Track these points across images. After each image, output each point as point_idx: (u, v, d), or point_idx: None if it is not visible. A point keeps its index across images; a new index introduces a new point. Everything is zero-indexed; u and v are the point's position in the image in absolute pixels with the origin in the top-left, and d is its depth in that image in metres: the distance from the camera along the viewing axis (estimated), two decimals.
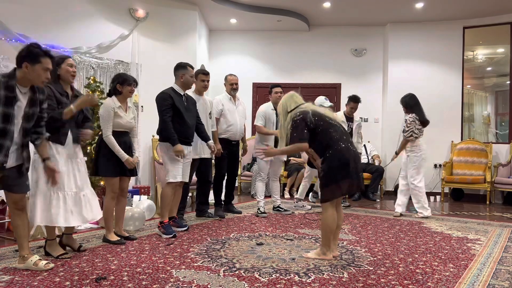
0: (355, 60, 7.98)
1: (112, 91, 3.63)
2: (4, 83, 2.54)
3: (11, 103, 2.56)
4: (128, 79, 3.62)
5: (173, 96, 3.96)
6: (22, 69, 2.61)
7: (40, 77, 2.64)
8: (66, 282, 2.55)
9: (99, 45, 5.73)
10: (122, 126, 3.57)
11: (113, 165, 3.52)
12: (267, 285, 2.56)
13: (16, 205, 2.78)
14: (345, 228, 4.35)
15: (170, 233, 3.82)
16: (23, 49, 2.64)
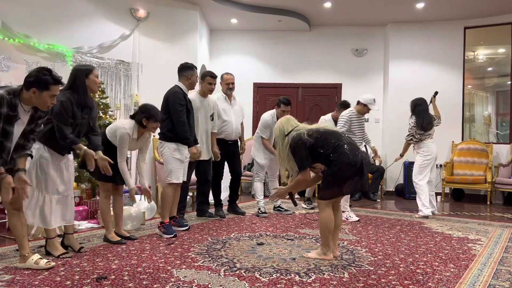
0: (356, 60, 7.98)
1: (136, 118, 3.55)
2: (8, 100, 2.49)
3: (12, 121, 2.53)
4: (155, 116, 3.53)
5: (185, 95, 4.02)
6: (29, 93, 2.56)
7: (46, 103, 2.61)
8: (67, 282, 2.56)
9: (100, 45, 5.74)
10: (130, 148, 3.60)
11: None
12: (267, 285, 2.56)
13: (12, 205, 2.78)
14: (345, 228, 4.35)
15: (171, 233, 3.82)
16: (32, 74, 2.58)
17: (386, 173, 7.31)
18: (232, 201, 5.15)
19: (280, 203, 5.34)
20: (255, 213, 5.12)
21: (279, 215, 5.10)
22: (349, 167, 3.01)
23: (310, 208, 5.63)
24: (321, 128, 3.22)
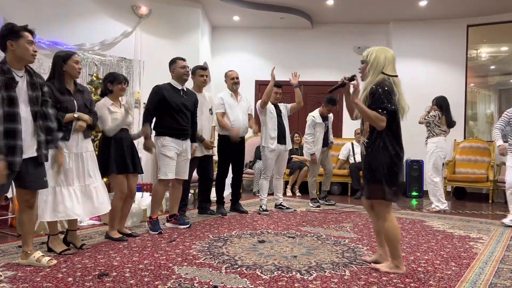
0: (358, 58, 7.88)
1: (104, 91, 3.64)
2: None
3: (12, 86, 2.57)
4: (118, 77, 3.63)
5: (167, 90, 3.95)
6: (8, 49, 2.63)
7: (28, 50, 2.65)
8: (68, 278, 2.57)
9: (102, 42, 5.74)
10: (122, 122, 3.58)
11: (118, 162, 3.53)
12: (268, 282, 2.56)
13: (27, 202, 2.79)
14: (347, 226, 4.35)
15: (156, 230, 3.85)
16: (2, 30, 2.66)
17: None
18: (235, 199, 5.15)
19: (281, 201, 5.34)
20: (256, 211, 5.13)
21: (281, 213, 5.10)
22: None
23: (316, 206, 5.64)
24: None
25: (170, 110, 3.90)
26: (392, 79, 2.77)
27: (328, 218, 4.82)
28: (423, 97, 7.38)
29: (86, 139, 3.24)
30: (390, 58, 2.80)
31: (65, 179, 3.07)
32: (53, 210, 3.02)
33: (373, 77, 2.77)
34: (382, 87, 2.69)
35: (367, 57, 2.82)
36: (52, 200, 3.02)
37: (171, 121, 3.91)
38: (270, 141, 5.03)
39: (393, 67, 2.81)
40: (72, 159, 3.11)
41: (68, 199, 3.06)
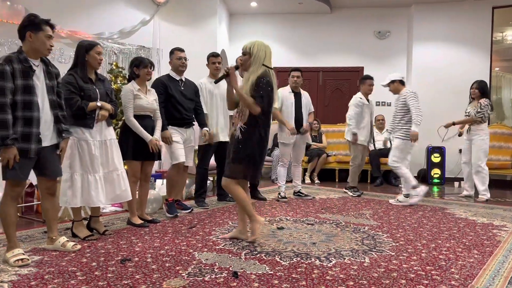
0: (378, 43, 7.80)
1: (130, 75, 3.70)
2: (16, 57, 2.59)
3: (29, 74, 2.61)
4: (143, 61, 3.68)
5: (167, 82, 4.10)
6: (27, 40, 2.66)
7: (45, 45, 2.68)
8: (92, 263, 2.63)
9: (120, 31, 5.78)
10: (144, 108, 3.64)
11: (136, 149, 3.59)
12: (288, 268, 2.57)
13: (48, 190, 2.86)
14: (366, 214, 4.32)
15: (172, 213, 3.96)
16: (24, 20, 2.69)
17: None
18: (254, 186, 5.17)
19: (300, 188, 5.33)
20: (275, 198, 5.14)
21: (299, 200, 5.10)
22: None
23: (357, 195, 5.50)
24: None
25: (171, 100, 4.06)
26: (271, 71, 3.15)
27: (347, 205, 4.79)
28: (444, 81, 7.24)
29: (109, 127, 3.31)
30: (269, 52, 3.18)
31: (91, 167, 3.14)
32: (80, 197, 3.10)
33: (255, 68, 3.10)
34: (266, 79, 3.06)
35: (250, 49, 3.11)
36: (80, 186, 3.10)
37: (172, 111, 4.06)
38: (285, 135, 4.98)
39: (270, 60, 3.18)
40: (97, 147, 3.18)
41: (94, 186, 3.13)
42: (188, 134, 4.21)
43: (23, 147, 2.58)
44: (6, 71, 2.51)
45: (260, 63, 3.10)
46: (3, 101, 2.50)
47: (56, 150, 2.80)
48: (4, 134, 2.49)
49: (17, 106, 2.56)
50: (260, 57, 3.11)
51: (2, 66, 2.52)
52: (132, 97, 3.58)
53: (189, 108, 4.20)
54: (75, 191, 3.09)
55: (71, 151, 3.10)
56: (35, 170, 2.78)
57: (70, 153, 3.10)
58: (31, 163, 2.68)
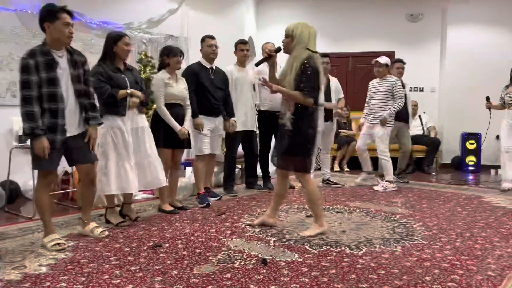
0: (411, 26, 7.53)
1: (161, 64, 3.73)
2: (39, 50, 2.62)
3: (52, 67, 2.63)
4: (173, 50, 3.71)
5: (198, 70, 4.09)
6: (47, 31, 2.68)
7: (64, 33, 2.66)
8: (125, 248, 2.70)
9: (149, 20, 5.82)
10: (175, 96, 3.68)
11: (167, 137, 3.65)
12: (317, 256, 2.56)
13: (87, 176, 2.91)
14: (398, 202, 4.23)
15: (204, 202, 3.98)
16: (41, 11, 2.69)
17: (442, 145, 6.98)
18: None
19: (329, 176, 5.27)
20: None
21: (328, 188, 5.05)
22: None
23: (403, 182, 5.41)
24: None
25: (201, 88, 4.05)
26: (316, 55, 2.94)
27: (378, 194, 4.71)
28: (481, 66, 6.94)
29: (141, 115, 3.37)
30: (313, 34, 2.99)
31: (126, 154, 3.21)
32: (114, 184, 3.17)
33: (298, 52, 2.92)
34: (312, 65, 2.87)
35: (292, 32, 2.96)
36: (115, 174, 3.17)
37: (202, 99, 4.05)
38: None
39: (314, 43, 2.98)
40: (129, 134, 3.24)
41: (130, 173, 3.21)
42: (217, 123, 4.22)
43: (49, 138, 2.63)
44: (30, 65, 2.56)
45: (303, 47, 2.93)
46: (29, 94, 2.55)
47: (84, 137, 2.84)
48: (33, 125, 2.55)
49: (43, 99, 2.61)
50: (303, 40, 2.93)
51: (26, 60, 2.57)
52: (163, 85, 3.62)
53: (219, 97, 4.20)
54: (109, 178, 3.17)
55: (104, 139, 3.18)
56: (67, 160, 2.86)
57: (103, 141, 3.18)
58: (59, 153, 2.74)
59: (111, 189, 3.18)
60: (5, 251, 2.65)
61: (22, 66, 2.57)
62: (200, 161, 4.12)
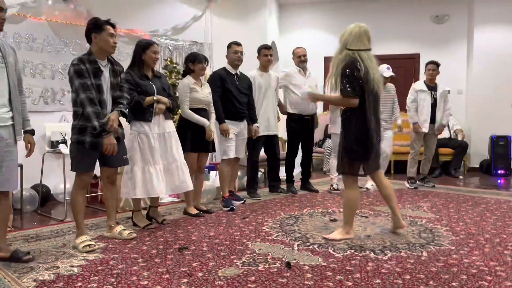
0: (436, 28, 7.41)
1: (186, 70, 3.82)
2: (86, 59, 2.81)
3: (97, 75, 2.83)
4: (198, 57, 3.80)
5: (224, 76, 4.17)
6: (93, 41, 2.87)
7: (109, 43, 2.87)
8: (152, 251, 2.77)
9: (174, 27, 5.94)
10: (200, 101, 3.76)
11: (194, 142, 3.74)
12: (341, 260, 2.56)
13: (109, 178, 3.06)
14: (424, 206, 4.17)
15: (228, 206, 4.02)
16: (88, 24, 2.90)
17: (470, 148, 6.82)
18: (305, 178, 5.15)
19: None
20: (327, 190, 5.09)
21: None
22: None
23: (413, 187, 5.32)
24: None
25: (227, 94, 4.14)
26: (358, 54, 2.87)
27: (403, 198, 4.65)
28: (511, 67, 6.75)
29: (167, 120, 3.45)
30: (357, 32, 2.91)
31: (152, 159, 3.30)
32: (140, 188, 3.27)
33: (338, 54, 2.94)
34: (350, 66, 2.85)
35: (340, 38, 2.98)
36: (140, 178, 3.27)
37: (228, 104, 4.14)
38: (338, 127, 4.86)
39: (360, 41, 2.91)
40: (156, 139, 3.33)
41: (154, 178, 3.29)
42: (241, 127, 4.29)
43: (96, 141, 2.79)
44: (83, 70, 2.75)
45: (342, 48, 2.94)
46: (91, 95, 2.74)
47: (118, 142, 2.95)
48: (102, 123, 2.75)
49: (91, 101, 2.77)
50: (343, 41, 2.95)
51: (79, 66, 2.75)
52: (188, 90, 3.70)
53: (244, 102, 4.28)
54: (135, 182, 3.26)
55: (131, 144, 3.28)
56: (99, 161, 2.97)
57: (130, 146, 3.28)
58: (96, 156, 2.88)
59: (136, 192, 3.28)
60: (39, 251, 2.76)
61: (77, 71, 2.74)
62: (225, 165, 4.19)
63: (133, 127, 3.29)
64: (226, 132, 4.07)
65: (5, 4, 2.46)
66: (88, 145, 2.79)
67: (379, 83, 2.95)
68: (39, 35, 4.54)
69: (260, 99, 4.61)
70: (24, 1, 4.40)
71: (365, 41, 2.96)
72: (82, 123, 2.77)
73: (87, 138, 2.78)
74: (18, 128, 2.58)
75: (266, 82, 4.63)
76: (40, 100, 4.56)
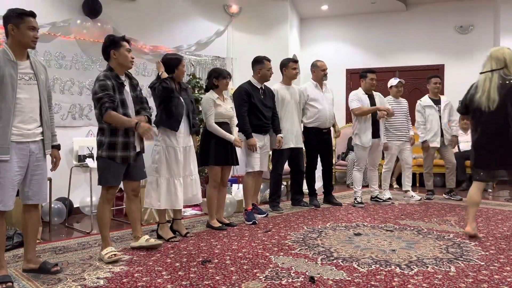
0: (460, 38, 7.30)
1: (209, 86, 3.87)
2: (110, 75, 2.91)
3: (122, 90, 2.93)
4: (222, 73, 3.86)
5: (250, 90, 4.17)
6: (111, 58, 2.97)
7: (127, 58, 2.97)
8: (176, 263, 2.79)
9: (197, 43, 6.06)
10: (222, 115, 3.80)
11: (218, 155, 3.77)
12: (366, 275, 2.51)
13: (134, 191, 3.13)
14: (451, 220, 4.06)
15: (250, 220, 4.01)
16: (105, 41, 3.00)
17: None
18: (328, 191, 5.10)
19: (377, 194, 5.16)
20: (351, 203, 5.03)
21: (377, 206, 4.93)
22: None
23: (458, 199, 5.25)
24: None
25: (253, 108, 4.15)
26: (497, 72, 3.37)
27: (429, 211, 4.54)
28: None
29: (190, 136, 3.54)
30: (494, 56, 3.48)
31: (177, 171, 3.37)
32: (164, 199, 3.34)
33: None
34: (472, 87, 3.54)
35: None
36: (165, 190, 3.34)
37: (254, 118, 4.15)
38: (362, 139, 4.85)
39: (494, 62, 3.45)
40: (181, 153, 3.41)
41: (180, 190, 3.36)
42: (265, 140, 4.31)
43: (124, 155, 2.89)
44: (109, 85, 2.85)
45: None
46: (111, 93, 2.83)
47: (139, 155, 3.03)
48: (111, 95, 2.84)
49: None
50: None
51: (105, 81, 2.86)
52: (212, 104, 3.76)
53: (268, 116, 4.30)
54: (159, 193, 3.32)
55: (158, 156, 3.36)
56: (124, 175, 3.04)
57: (157, 158, 3.36)
58: (123, 170, 2.95)
59: (160, 204, 3.35)
60: (66, 263, 2.82)
61: (102, 86, 2.83)
62: (251, 178, 4.19)
63: (160, 139, 3.37)
64: (254, 147, 4.07)
65: (37, 24, 2.57)
66: (120, 160, 2.88)
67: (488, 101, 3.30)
68: (68, 53, 4.72)
69: (284, 112, 4.60)
70: (54, 21, 4.59)
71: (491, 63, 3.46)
72: (111, 138, 2.87)
73: (118, 153, 2.87)
74: (48, 143, 2.66)
75: (290, 95, 4.64)
76: (68, 116, 4.72)
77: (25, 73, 2.51)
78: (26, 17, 2.49)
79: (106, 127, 2.87)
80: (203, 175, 5.19)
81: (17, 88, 2.45)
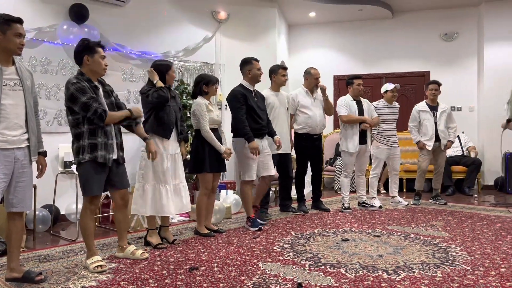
0: (445, 46, 7.42)
1: (198, 92, 3.83)
2: (82, 78, 2.81)
3: (97, 93, 2.83)
4: (212, 79, 3.85)
5: (245, 93, 4.08)
6: (84, 63, 2.86)
7: (101, 65, 2.87)
8: (163, 271, 2.77)
9: (185, 49, 6.05)
10: (214, 121, 3.79)
11: (211, 162, 3.74)
12: (354, 281, 2.52)
13: (123, 200, 3.05)
14: (437, 225, 4.10)
15: (256, 226, 3.96)
16: (79, 45, 2.88)
17: (483, 166, 6.73)
18: (316, 197, 5.12)
19: (365, 199, 5.19)
20: (339, 209, 5.05)
21: (364, 211, 4.96)
22: None
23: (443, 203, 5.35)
24: None
25: (250, 111, 4.04)
26: None
27: (416, 217, 4.58)
28: None
29: (177, 143, 3.52)
30: None
31: (163, 178, 3.34)
32: (150, 206, 3.32)
33: None
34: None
35: None
36: (151, 196, 3.32)
37: (251, 122, 4.03)
38: (349, 145, 4.89)
39: None
40: (169, 160, 3.39)
41: (164, 197, 3.33)
42: (264, 144, 4.19)
43: (104, 156, 2.79)
44: (85, 86, 2.76)
45: None
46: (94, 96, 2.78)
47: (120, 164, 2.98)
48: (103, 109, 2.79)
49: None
50: None
51: (80, 83, 2.76)
52: (206, 110, 3.72)
53: (264, 118, 4.20)
54: (145, 200, 3.30)
55: (145, 163, 3.32)
56: (106, 185, 2.94)
57: (144, 164, 3.33)
58: (104, 178, 2.87)
59: (146, 210, 3.33)
60: (51, 272, 2.77)
61: (79, 89, 2.73)
62: (248, 186, 4.09)
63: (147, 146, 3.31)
64: (257, 150, 3.92)
65: (24, 30, 2.54)
66: (102, 159, 2.78)
67: None
68: (54, 58, 4.67)
69: (273, 118, 4.58)
70: (40, 26, 4.55)
71: None
72: (91, 140, 2.78)
73: (100, 152, 2.78)
74: (33, 149, 2.62)
75: (278, 102, 4.65)
76: (54, 122, 4.66)
77: (10, 78, 2.48)
78: (13, 23, 2.46)
79: (84, 131, 2.78)
80: (191, 181, 5.17)
81: (2, 94, 2.41)
